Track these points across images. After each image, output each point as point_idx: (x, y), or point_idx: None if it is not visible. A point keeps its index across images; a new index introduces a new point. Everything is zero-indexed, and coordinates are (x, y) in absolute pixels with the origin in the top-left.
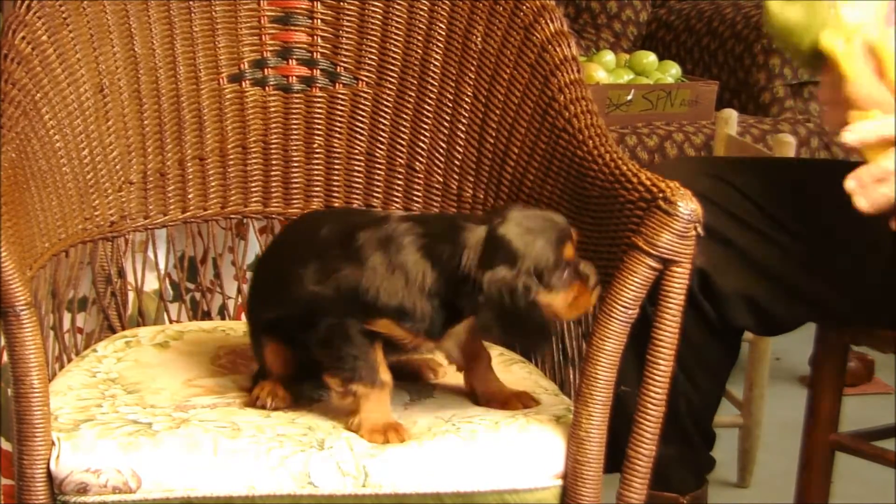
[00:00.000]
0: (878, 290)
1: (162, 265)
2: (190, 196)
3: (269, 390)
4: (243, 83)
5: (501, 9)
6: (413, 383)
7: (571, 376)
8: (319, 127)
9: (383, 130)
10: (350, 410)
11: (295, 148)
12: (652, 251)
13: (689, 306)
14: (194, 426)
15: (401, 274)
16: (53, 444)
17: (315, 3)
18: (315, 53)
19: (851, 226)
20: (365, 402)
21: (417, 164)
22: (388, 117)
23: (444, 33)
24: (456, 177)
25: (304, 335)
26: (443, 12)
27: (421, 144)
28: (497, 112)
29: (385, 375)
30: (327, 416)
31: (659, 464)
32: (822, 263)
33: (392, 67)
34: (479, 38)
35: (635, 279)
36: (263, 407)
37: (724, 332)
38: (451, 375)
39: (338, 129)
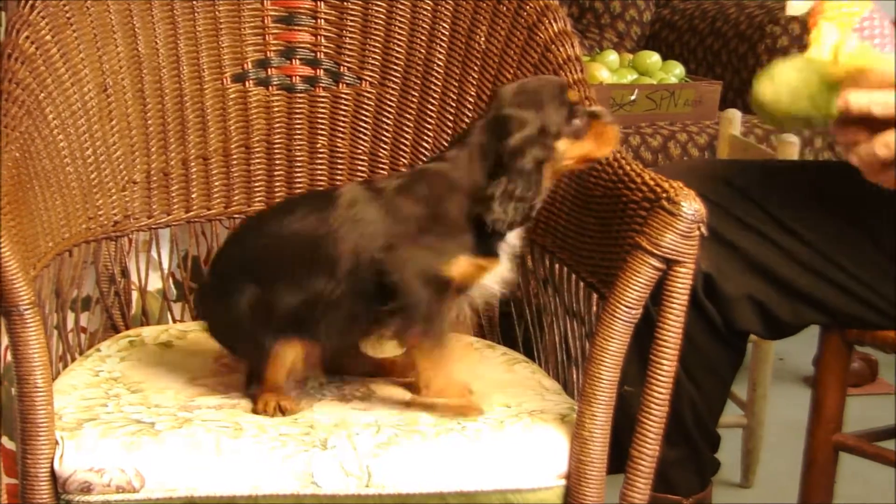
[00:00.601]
0: (883, 291)
1: (165, 265)
2: (193, 196)
3: (276, 405)
4: (247, 83)
5: (505, 8)
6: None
7: (575, 376)
8: (323, 127)
9: (386, 130)
10: (427, 378)
11: (298, 148)
12: (655, 251)
13: (693, 309)
14: (197, 426)
15: (450, 197)
16: (57, 443)
17: (318, 2)
18: (318, 53)
19: (856, 226)
20: (444, 365)
21: (421, 164)
22: (391, 117)
23: (447, 33)
24: None
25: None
26: (446, 12)
27: (424, 144)
28: None
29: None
30: (330, 414)
31: (663, 466)
32: (826, 265)
33: (395, 67)
34: (483, 38)
35: (639, 279)
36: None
37: (729, 336)
38: None
39: (341, 129)
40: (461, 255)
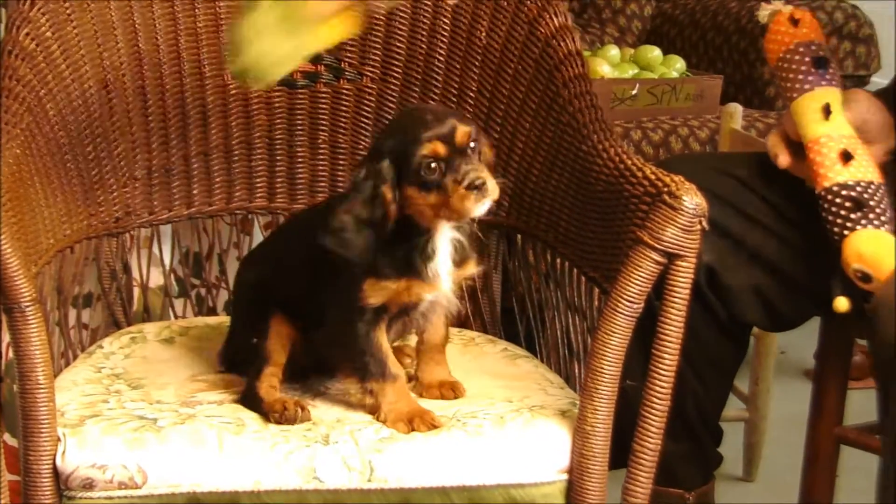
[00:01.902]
0: None
1: (167, 261)
2: (195, 192)
3: (294, 403)
4: None
5: (506, 3)
6: (413, 378)
7: (577, 371)
8: (324, 123)
9: None
10: (374, 407)
11: (299, 144)
12: (657, 245)
13: (696, 302)
14: (200, 422)
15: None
16: (59, 439)
17: None
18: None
19: None
20: (382, 397)
21: None
22: (392, 113)
23: (448, 28)
24: None
25: (313, 327)
26: (447, 7)
27: None
28: (502, 107)
29: (395, 368)
30: (332, 409)
31: (666, 460)
32: (828, 257)
33: (396, 63)
34: (484, 34)
35: (640, 273)
36: (292, 422)
37: (732, 329)
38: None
39: (342, 125)
40: (369, 278)
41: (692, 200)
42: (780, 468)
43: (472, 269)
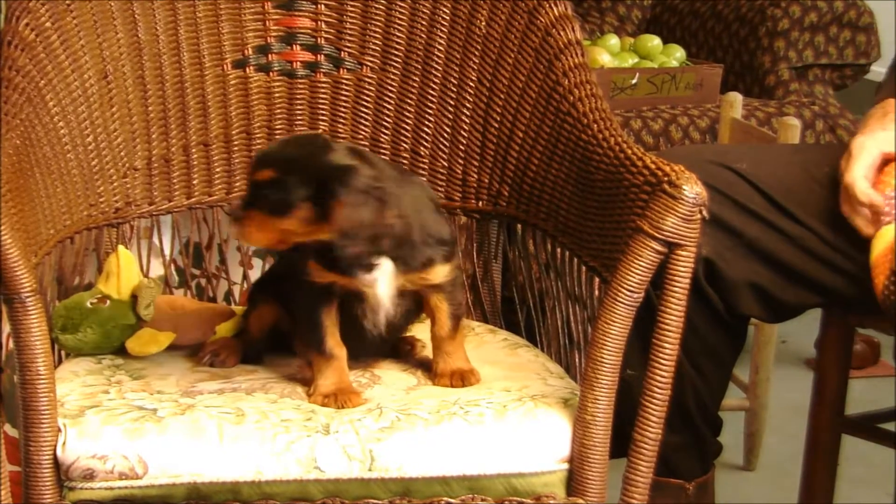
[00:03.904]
0: None
1: (167, 251)
2: (195, 182)
3: (224, 356)
4: (247, 69)
5: None
6: (416, 367)
7: (577, 360)
8: (324, 112)
9: (388, 115)
10: (308, 379)
11: (300, 133)
12: (657, 234)
13: (695, 296)
14: (199, 412)
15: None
16: (59, 430)
17: None
18: (319, 39)
19: None
20: (318, 371)
21: (422, 149)
22: (392, 102)
23: (448, 18)
24: (461, 161)
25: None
26: None
27: (425, 129)
28: (501, 96)
29: (334, 347)
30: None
31: (665, 451)
32: (826, 248)
33: (396, 52)
34: (483, 23)
35: (641, 263)
36: (211, 365)
37: (731, 321)
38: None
39: (342, 115)
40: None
41: (692, 189)
42: (781, 457)
43: (438, 275)
